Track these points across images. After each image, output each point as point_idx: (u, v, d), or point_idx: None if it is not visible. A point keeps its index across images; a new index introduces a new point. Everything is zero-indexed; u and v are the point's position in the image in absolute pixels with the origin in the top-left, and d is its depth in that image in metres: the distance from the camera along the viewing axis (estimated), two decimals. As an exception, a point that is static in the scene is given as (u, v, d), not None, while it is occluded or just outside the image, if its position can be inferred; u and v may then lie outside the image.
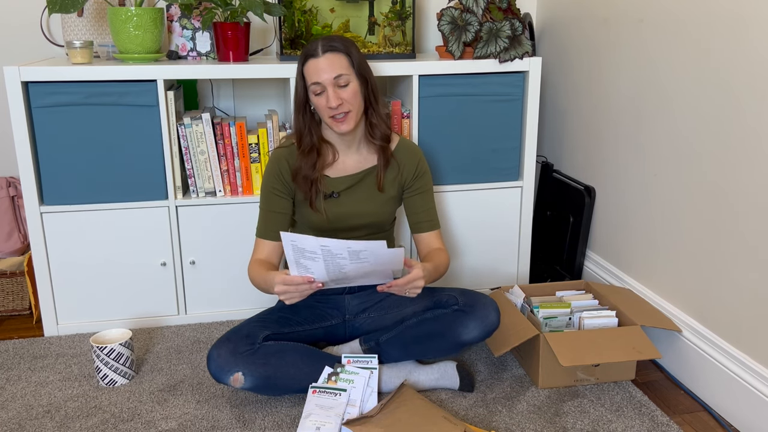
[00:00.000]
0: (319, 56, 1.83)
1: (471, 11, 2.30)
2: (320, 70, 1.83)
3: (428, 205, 2.04)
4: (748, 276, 1.76)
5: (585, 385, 1.97)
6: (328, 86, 1.83)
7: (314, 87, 1.85)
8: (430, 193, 2.05)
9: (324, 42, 1.85)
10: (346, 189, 1.97)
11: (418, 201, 2.03)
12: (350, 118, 1.87)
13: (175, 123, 2.21)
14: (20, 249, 2.53)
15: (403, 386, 1.84)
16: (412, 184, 2.02)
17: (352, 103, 1.86)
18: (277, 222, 1.96)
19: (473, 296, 1.92)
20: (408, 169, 2.01)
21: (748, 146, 1.72)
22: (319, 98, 1.86)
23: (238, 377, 1.76)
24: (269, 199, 1.97)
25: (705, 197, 1.89)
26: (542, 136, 2.84)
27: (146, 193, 2.23)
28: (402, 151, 2.02)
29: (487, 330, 1.87)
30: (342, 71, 1.83)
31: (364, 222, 1.99)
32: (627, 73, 2.23)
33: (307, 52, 1.86)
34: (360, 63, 1.87)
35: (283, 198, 1.96)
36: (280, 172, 1.95)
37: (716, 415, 1.86)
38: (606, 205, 2.42)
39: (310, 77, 1.85)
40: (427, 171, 2.05)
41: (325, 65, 1.83)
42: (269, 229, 1.96)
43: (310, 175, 1.93)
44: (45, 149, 2.15)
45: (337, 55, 1.84)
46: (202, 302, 2.37)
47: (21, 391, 1.94)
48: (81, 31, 2.38)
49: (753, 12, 1.68)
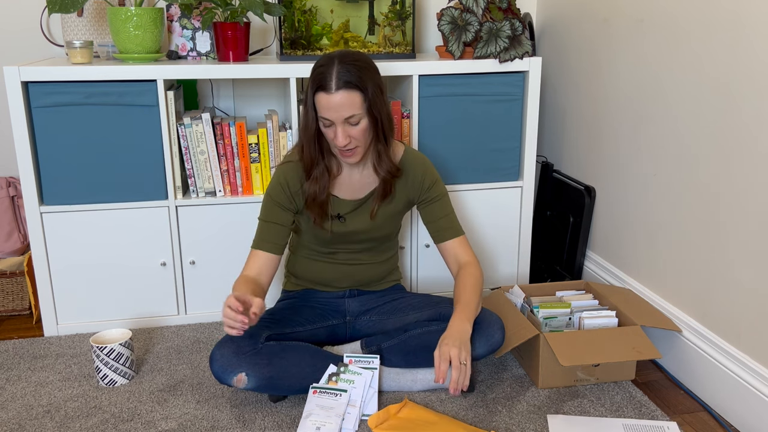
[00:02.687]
0: (332, 92, 1.71)
1: (471, 11, 2.30)
2: (332, 108, 1.72)
3: (446, 211, 1.97)
4: (748, 276, 1.76)
5: (585, 385, 1.97)
6: (337, 124, 1.75)
7: (323, 120, 1.77)
8: (445, 199, 1.98)
9: (339, 73, 1.71)
10: (351, 212, 1.96)
11: (435, 209, 1.97)
12: (357, 153, 1.82)
13: (175, 123, 2.21)
14: (20, 249, 2.53)
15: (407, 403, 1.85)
16: (424, 196, 1.97)
17: (360, 140, 1.79)
18: (275, 233, 1.90)
19: (479, 313, 1.90)
20: (414, 185, 1.96)
21: (748, 146, 1.72)
22: (327, 129, 1.78)
23: (242, 378, 1.76)
24: (270, 210, 1.91)
25: (705, 197, 1.89)
26: (542, 136, 2.84)
27: (146, 193, 2.23)
28: (406, 166, 1.96)
29: (491, 349, 1.87)
30: (354, 111, 1.73)
31: (369, 237, 1.99)
32: (627, 73, 2.23)
33: (320, 82, 1.72)
34: (373, 99, 1.75)
35: (285, 210, 1.91)
36: (287, 184, 1.89)
37: (716, 415, 1.86)
38: (606, 205, 2.42)
39: (321, 111, 1.75)
40: (437, 179, 1.98)
41: (337, 104, 1.72)
42: (265, 240, 1.89)
43: (323, 199, 1.89)
44: (45, 149, 2.15)
45: (350, 94, 1.71)
46: (202, 302, 2.37)
47: (21, 391, 1.94)
48: (81, 31, 2.38)
49: (752, 13, 1.68)
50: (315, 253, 2.02)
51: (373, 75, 1.77)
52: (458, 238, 1.97)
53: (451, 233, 1.97)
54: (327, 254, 2.02)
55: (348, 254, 2.02)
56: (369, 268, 2.04)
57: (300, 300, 2.06)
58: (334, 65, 1.72)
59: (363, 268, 2.03)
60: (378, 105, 1.77)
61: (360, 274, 2.04)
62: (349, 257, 2.02)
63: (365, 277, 2.05)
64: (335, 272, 2.02)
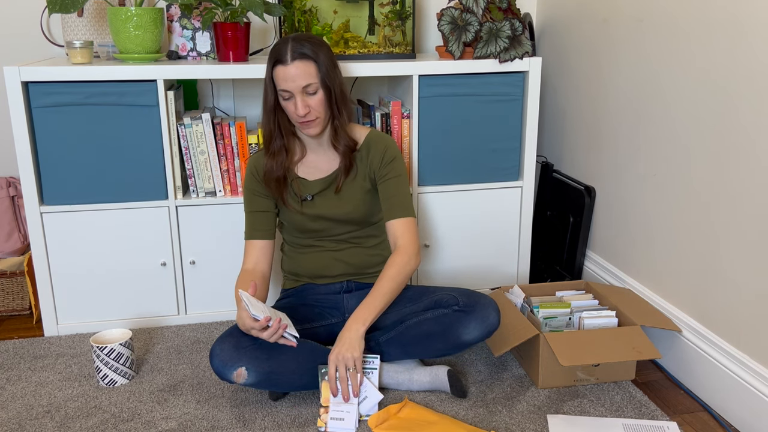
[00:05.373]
0: (287, 63, 1.82)
1: (471, 11, 2.30)
2: (288, 78, 1.82)
3: (400, 191, 1.97)
4: (747, 276, 1.76)
5: (585, 385, 1.97)
6: (296, 94, 1.84)
7: (283, 92, 1.86)
8: (402, 179, 1.98)
9: (294, 47, 1.83)
10: (319, 192, 1.99)
11: (390, 186, 1.98)
12: (317, 123, 1.90)
13: (175, 123, 2.21)
14: (20, 249, 2.53)
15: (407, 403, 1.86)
16: (383, 171, 1.99)
17: (319, 110, 1.87)
18: (262, 221, 1.99)
19: (473, 296, 1.92)
20: (375, 159, 1.99)
21: (748, 146, 1.72)
22: (287, 103, 1.88)
23: (242, 372, 1.77)
24: (251, 201, 2.00)
25: (705, 197, 1.89)
26: (542, 136, 2.84)
27: (146, 193, 2.23)
28: (369, 142, 2.00)
29: (487, 330, 1.87)
30: (310, 80, 1.83)
31: (345, 219, 2.00)
32: (627, 73, 2.23)
33: (277, 56, 1.84)
34: (327, 72, 1.85)
35: (264, 197, 2.00)
36: (256, 172, 1.99)
37: (716, 415, 1.86)
38: (606, 205, 2.42)
39: (279, 83, 1.85)
40: (397, 157, 1.99)
41: (294, 74, 1.82)
42: (255, 229, 1.99)
43: (279, 175, 1.95)
44: (45, 149, 2.15)
45: (305, 63, 1.82)
46: (202, 302, 2.37)
47: (21, 391, 1.94)
48: (81, 31, 2.38)
49: (751, 13, 1.68)
50: (301, 246, 2.05)
51: (325, 50, 1.88)
52: (404, 219, 1.95)
53: (399, 213, 1.96)
54: (312, 246, 2.04)
55: (333, 242, 2.03)
56: (357, 253, 2.04)
57: (298, 298, 2.06)
58: (289, 42, 1.85)
59: (350, 253, 2.03)
60: (332, 77, 1.87)
61: (349, 259, 2.03)
62: (335, 245, 2.03)
63: (356, 261, 2.04)
64: (325, 259, 2.03)
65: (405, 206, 1.96)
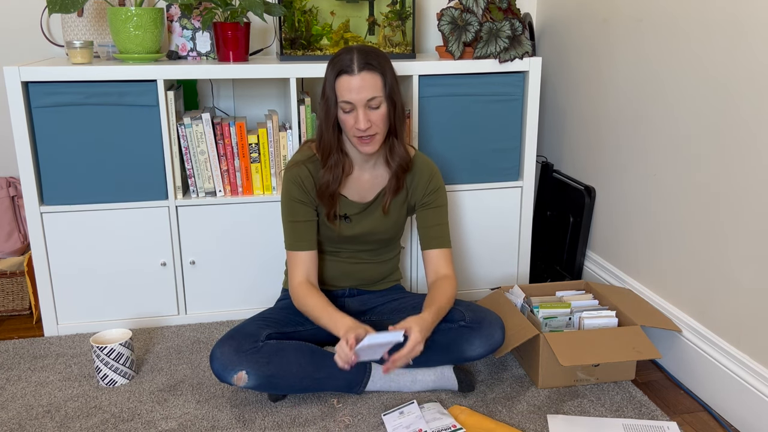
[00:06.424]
0: (354, 74, 1.74)
1: (471, 11, 2.30)
2: (353, 89, 1.74)
3: (441, 220, 1.98)
4: (748, 276, 1.76)
5: (585, 385, 1.97)
6: (359, 107, 1.76)
7: (344, 105, 1.77)
8: (443, 210, 1.99)
9: (360, 57, 1.75)
10: (357, 214, 1.96)
11: (432, 215, 1.97)
12: (376, 140, 1.82)
13: (175, 123, 2.21)
14: (20, 249, 2.53)
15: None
16: (426, 199, 1.97)
17: (379, 126, 1.80)
18: (307, 230, 1.92)
19: (480, 312, 1.91)
20: (420, 186, 1.97)
21: (747, 146, 1.72)
22: (347, 116, 1.79)
23: (242, 376, 1.76)
24: (293, 209, 1.91)
25: (705, 197, 1.89)
26: (542, 136, 2.84)
27: (146, 193, 2.23)
28: (414, 167, 1.97)
29: (491, 348, 1.88)
30: (375, 93, 1.76)
31: (375, 239, 2.00)
32: (626, 73, 2.23)
33: (342, 66, 1.76)
34: (392, 85, 1.79)
35: (307, 206, 1.92)
36: (301, 182, 1.89)
37: (716, 415, 1.86)
38: (606, 205, 2.42)
39: (342, 94, 1.76)
40: (441, 187, 1.99)
41: (360, 85, 1.74)
42: (298, 239, 1.91)
43: (334, 189, 1.89)
44: (45, 149, 2.15)
45: (372, 75, 1.75)
46: (202, 302, 2.37)
47: (21, 391, 1.94)
48: (81, 31, 2.38)
49: (751, 13, 1.68)
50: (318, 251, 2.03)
51: (390, 64, 1.82)
52: (444, 250, 1.98)
53: (439, 243, 1.97)
54: (330, 252, 2.02)
55: (350, 253, 2.02)
56: (370, 268, 2.05)
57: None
58: (355, 51, 1.77)
59: (364, 267, 2.04)
60: (396, 92, 1.81)
61: (361, 273, 2.04)
62: (352, 256, 2.02)
63: (366, 276, 2.05)
64: (336, 270, 2.03)
65: (446, 237, 1.98)
